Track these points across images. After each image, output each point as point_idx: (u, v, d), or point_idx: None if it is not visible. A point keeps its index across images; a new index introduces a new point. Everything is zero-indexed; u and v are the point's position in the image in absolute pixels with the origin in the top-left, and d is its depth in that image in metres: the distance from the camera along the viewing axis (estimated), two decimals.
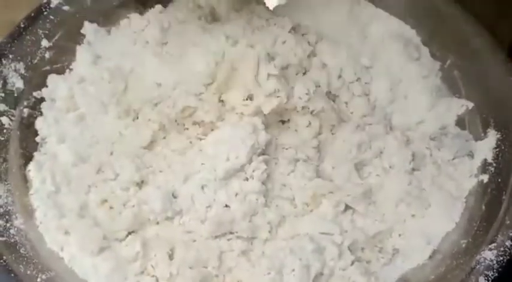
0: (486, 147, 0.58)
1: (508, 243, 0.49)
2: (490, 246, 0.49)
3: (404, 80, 0.64)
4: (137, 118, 0.58)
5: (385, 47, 0.65)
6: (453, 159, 0.59)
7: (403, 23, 0.66)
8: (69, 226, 0.51)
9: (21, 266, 0.48)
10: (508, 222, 0.50)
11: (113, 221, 0.52)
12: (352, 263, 0.51)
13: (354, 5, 0.66)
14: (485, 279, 0.47)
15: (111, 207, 0.53)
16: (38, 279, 0.47)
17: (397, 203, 0.56)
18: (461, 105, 0.61)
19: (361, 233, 0.54)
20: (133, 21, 0.64)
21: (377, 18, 0.67)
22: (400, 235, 0.55)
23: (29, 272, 0.47)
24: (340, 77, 0.61)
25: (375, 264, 0.52)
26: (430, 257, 0.53)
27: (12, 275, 0.47)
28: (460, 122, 0.61)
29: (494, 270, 0.48)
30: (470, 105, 0.61)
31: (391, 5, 0.66)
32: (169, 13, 0.64)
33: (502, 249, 0.49)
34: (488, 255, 0.49)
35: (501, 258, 0.48)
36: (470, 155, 0.59)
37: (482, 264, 0.48)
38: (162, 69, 0.60)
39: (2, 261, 0.47)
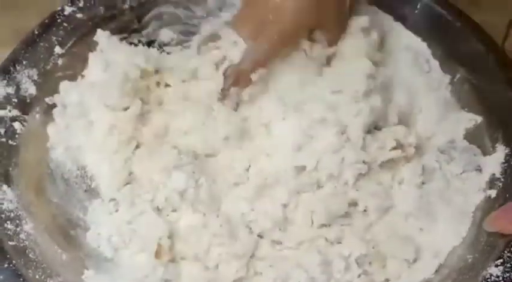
0: (494, 162, 0.58)
1: None
2: (496, 262, 0.49)
3: (414, 93, 0.64)
4: None
5: (396, 59, 0.65)
6: (461, 173, 0.59)
7: (415, 36, 0.66)
8: None
9: (30, 270, 0.48)
10: None
11: None
12: (359, 276, 0.51)
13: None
14: None
15: None
16: None
17: (406, 217, 0.57)
18: (469, 119, 0.61)
19: (369, 247, 0.54)
20: None
21: (392, 30, 0.67)
22: None
23: (37, 277, 0.48)
24: None
25: (381, 278, 0.52)
26: (436, 271, 0.53)
27: (21, 279, 0.47)
28: (468, 136, 0.61)
29: None
30: (479, 119, 0.61)
31: (404, 17, 0.66)
32: None
33: (508, 265, 0.49)
34: (495, 271, 0.49)
35: (507, 274, 0.48)
36: (479, 169, 0.59)
37: (488, 280, 0.48)
38: None
39: (11, 265, 0.48)
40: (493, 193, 0.56)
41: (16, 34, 0.61)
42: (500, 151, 0.58)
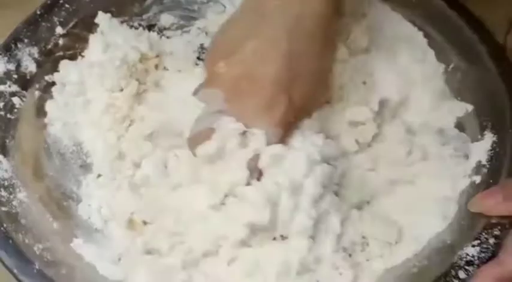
0: (481, 149, 0.58)
1: (491, 240, 0.50)
2: (473, 242, 0.50)
3: (409, 81, 0.65)
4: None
5: (393, 48, 0.66)
6: (450, 159, 0.60)
7: (411, 25, 0.67)
8: None
9: (20, 234, 0.50)
10: (493, 221, 0.51)
11: None
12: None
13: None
14: (465, 274, 0.48)
15: None
16: (35, 248, 0.50)
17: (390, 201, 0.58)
18: (461, 108, 0.62)
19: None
20: None
21: (390, 19, 0.68)
22: None
23: (26, 241, 0.50)
24: None
25: (361, 257, 0.53)
26: (416, 254, 0.53)
27: (11, 242, 0.49)
28: (459, 124, 0.62)
29: (475, 266, 0.49)
30: (470, 108, 0.62)
31: (400, 6, 0.67)
32: None
33: (485, 246, 0.50)
34: (471, 251, 0.50)
35: (483, 254, 0.49)
36: (466, 156, 0.59)
37: (464, 259, 0.49)
38: None
39: (2, 228, 0.50)
40: (477, 179, 0.56)
41: None
42: (488, 138, 0.58)
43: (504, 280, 0.46)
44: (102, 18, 0.65)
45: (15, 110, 0.58)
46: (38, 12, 0.63)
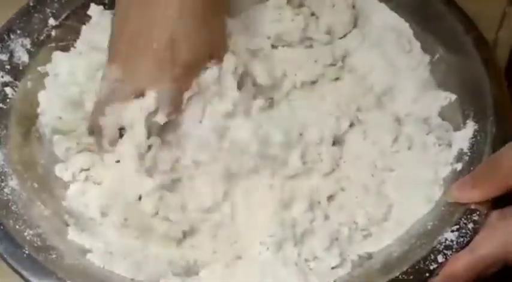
0: (464, 137, 0.60)
1: (470, 226, 0.51)
2: (452, 227, 0.51)
3: (395, 72, 0.66)
4: None
5: (379, 39, 0.67)
6: (434, 147, 0.61)
7: (397, 16, 0.68)
8: None
9: (11, 221, 0.52)
10: (473, 207, 0.52)
11: None
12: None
13: None
14: (443, 258, 0.50)
15: None
16: (25, 233, 0.51)
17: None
18: (445, 97, 0.63)
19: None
20: None
21: (376, 10, 0.69)
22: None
23: (17, 227, 0.51)
24: None
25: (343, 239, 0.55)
26: (397, 239, 0.55)
27: (1, 227, 0.51)
28: (443, 113, 0.63)
29: (453, 250, 0.50)
30: (453, 97, 0.63)
31: None
32: None
33: (463, 231, 0.51)
34: (450, 236, 0.51)
35: (461, 239, 0.50)
36: (449, 144, 0.61)
37: (443, 244, 0.50)
38: None
39: None
40: (459, 166, 0.58)
41: None
42: (470, 127, 0.60)
43: (475, 266, 0.48)
44: (95, 10, 0.67)
45: (8, 100, 0.59)
46: (31, 4, 0.64)
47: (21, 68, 0.61)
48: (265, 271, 0.52)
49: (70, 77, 0.63)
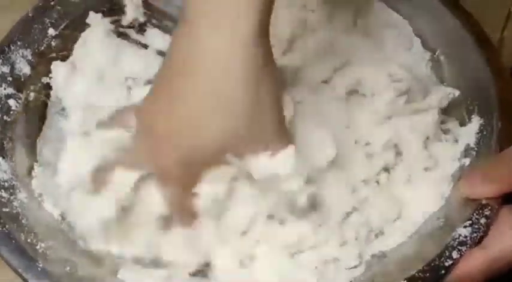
0: (470, 132, 0.60)
1: (482, 221, 0.51)
2: (465, 223, 0.51)
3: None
4: None
5: (379, 36, 0.67)
6: (440, 143, 0.61)
7: (396, 13, 0.69)
8: None
9: (22, 234, 0.51)
10: (484, 201, 0.52)
11: None
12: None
13: None
14: (458, 254, 0.50)
15: None
16: (37, 247, 0.51)
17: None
18: (448, 93, 0.64)
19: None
20: None
21: (374, 8, 0.69)
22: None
23: (29, 240, 0.51)
24: None
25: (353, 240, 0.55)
26: (410, 236, 0.55)
27: (14, 242, 0.50)
28: (447, 109, 0.63)
29: (468, 246, 0.50)
30: (457, 93, 0.63)
31: None
32: None
33: (476, 226, 0.51)
34: (463, 232, 0.51)
35: (475, 234, 0.51)
36: (456, 140, 0.61)
37: (457, 240, 0.51)
38: None
39: (5, 229, 0.51)
40: (466, 161, 0.58)
41: None
42: (475, 122, 0.60)
43: (489, 266, 0.48)
44: (93, 18, 0.66)
45: (11, 112, 0.59)
46: (30, 15, 0.63)
47: (23, 79, 0.61)
48: (283, 272, 0.52)
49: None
